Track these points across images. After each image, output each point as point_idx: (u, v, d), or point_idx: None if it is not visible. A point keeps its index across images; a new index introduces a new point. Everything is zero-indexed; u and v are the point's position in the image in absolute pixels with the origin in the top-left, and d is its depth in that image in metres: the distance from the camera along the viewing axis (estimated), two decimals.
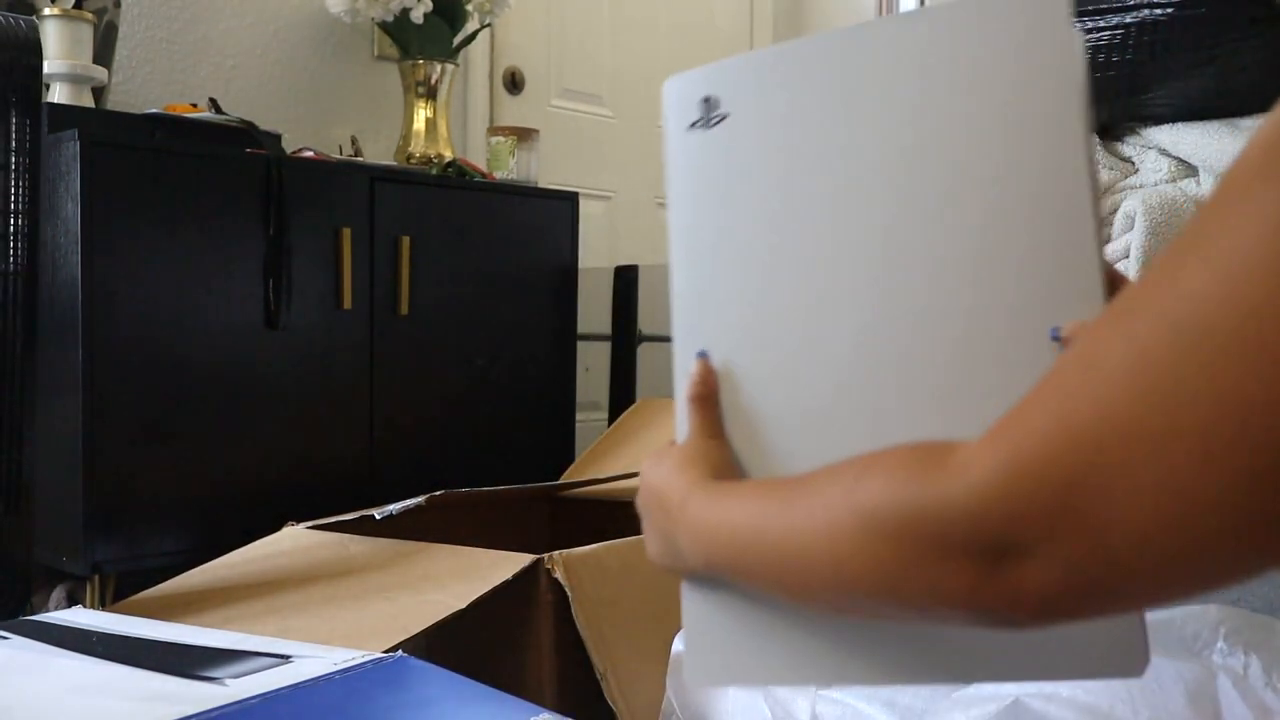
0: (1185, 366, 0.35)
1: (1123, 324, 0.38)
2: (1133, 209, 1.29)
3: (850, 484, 0.45)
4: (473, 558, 1.27)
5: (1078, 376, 0.38)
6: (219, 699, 0.78)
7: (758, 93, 0.66)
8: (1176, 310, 0.36)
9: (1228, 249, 0.36)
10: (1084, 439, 0.36)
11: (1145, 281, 0.38)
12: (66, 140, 1.60)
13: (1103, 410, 0.36)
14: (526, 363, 2.17)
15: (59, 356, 1.59)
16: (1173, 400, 0.35)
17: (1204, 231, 0.37)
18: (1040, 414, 0.38)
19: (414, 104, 2.41)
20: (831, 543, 0.45)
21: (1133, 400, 0.36)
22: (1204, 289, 0.36)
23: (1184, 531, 0.35)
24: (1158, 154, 1.36)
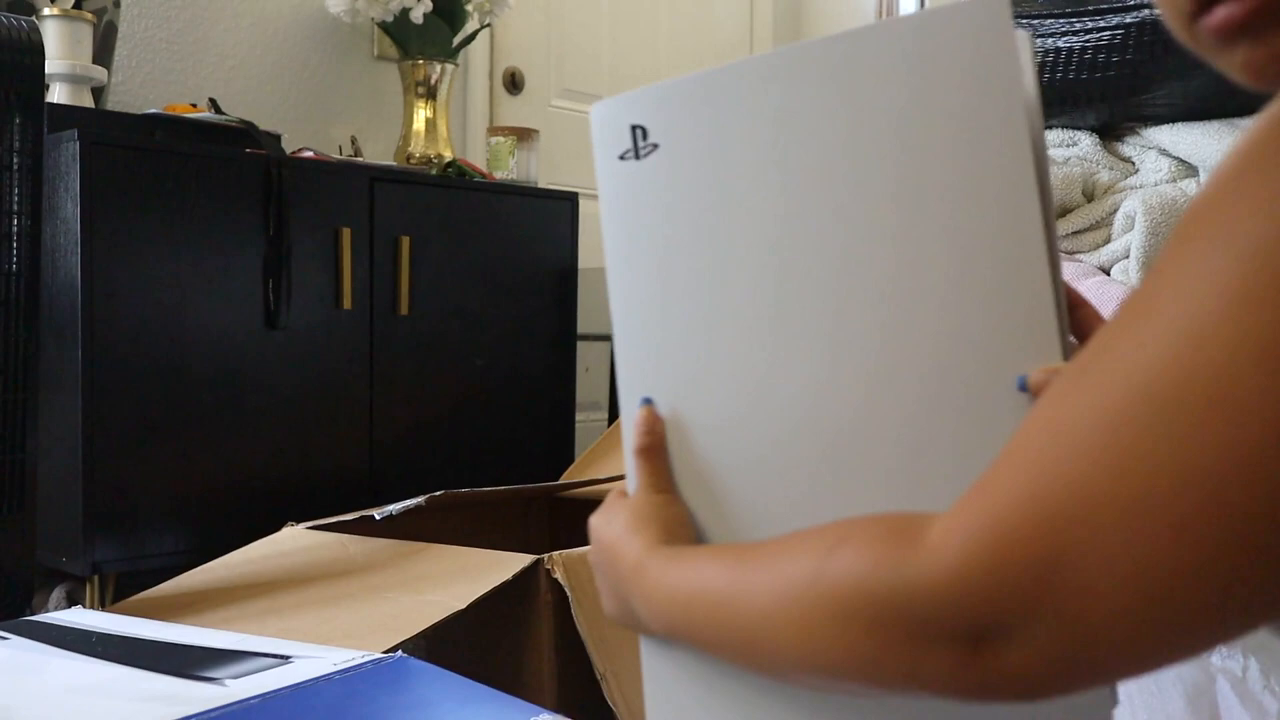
0: (1150, 434, 0.35)
1: (1088, 386, 0.37)
2: (1133, 209, 1.29)
3: (819, 563, 0.44)
4: (472, 558, 1.27)
5: (1045, 444, 0.37)
6: (219, 699, 0.78)
7: (687, 122, 0.61)
8: (1138, 374, 0.36)
9: (1185, 309, 0.36)
10: (1055, 514, 0.36)
11: (1110, 336, 0.38)
12: (66, 140, 1.60)
13: (1072, 482, 0.36)
14: (526, 363, 2.17)
15: (58, 356, 1.59)
16: (1141, 470, 0.35)
17: (1161, 287, 0.37)
18: (1010, 486, 0.38)
19: (414, 104, 2.41)
20: (802, 625, 0.44)
21: (1101, 471, 0.36)
22: (1164, 351, 0.35)
23: (1164, 605, 0.35)
24: (1158, 154, 1.36)
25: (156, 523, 1.68)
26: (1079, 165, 1.39)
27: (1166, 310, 0.36)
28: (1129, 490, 0.35)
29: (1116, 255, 1.31)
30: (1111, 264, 1.32)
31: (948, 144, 0.54)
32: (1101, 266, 1.33)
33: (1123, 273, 1.30)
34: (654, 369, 0.63)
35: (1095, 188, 1.36)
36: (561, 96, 3.01)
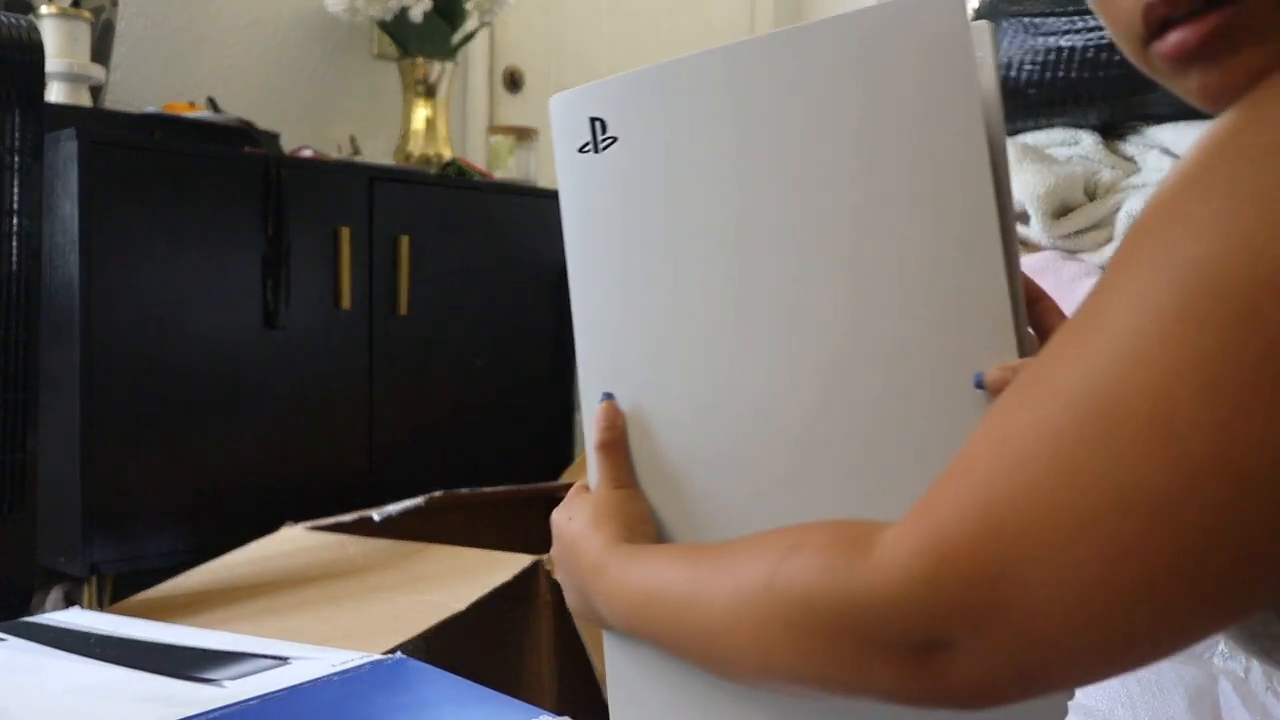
0: (1093, 452, 0.35)
1: (1035, 399, 0.38)
2: (1135, 209, 1.28)
3: (772, 569, 0.44)
4: (472, 559, 1.27)
5: (992, 456, 0.38)
6: (217, 700, 0.77)
7: (646, 114, 0.61)
8: (1082, 390, 0.36)
9: (1125, 328, 0.36)
10: (1000, 529, 0.36)
11: (1057, 349, 0.39)
12: (64, 139, 1.60)
13: (1018, 496, 0.36)
14: (526, 363, 2.17)
15: (56, 356, 1.59)
16: (1084, 487, 0.35)
17: (1105, 304, 0.38)
18: (956, 499, 0.38)
19: (413, 103, 2.40)
20: (755, 631, 0.44)
21: (1047, 486, 0.36)
22: (1107, 368, 0.36)
23: (1110, 620, 0.35)
24: (1160, 153, 1.36)
25: (155, 523, 1.68)
26: (1081, 164, 1.38)
27: (1109, 327, 0.37)
28: (1073, 507, 0.35)
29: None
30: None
31: (905, 140, 0.54)
32: (1103, 266, 1.32)
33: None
34: (615, 364, 0.63)
35: (1097, 187, 1.36)
36: None
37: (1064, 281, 1.30)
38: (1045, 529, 0.35)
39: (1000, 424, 0.39)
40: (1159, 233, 0.38)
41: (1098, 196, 1.36)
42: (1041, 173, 1.34)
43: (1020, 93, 1.42)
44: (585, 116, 0.62)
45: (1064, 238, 1.34)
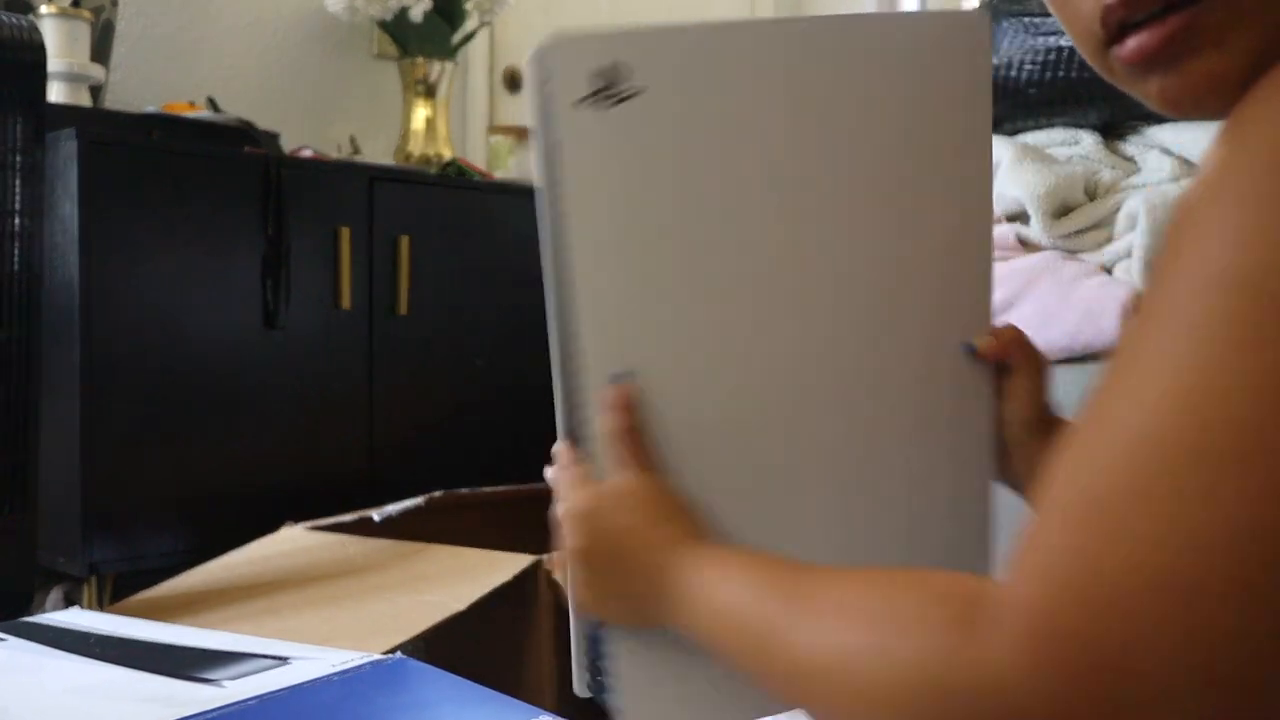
0: (1186, 503, 0.33)
1: (1112, 451, 0.36)
2: (1135, 208, 1.28)
3: (881, 641, 0.42)
4: (472, 558, 1.27)
5: (1085, 522, 0.36)
6: (216, 700, 0.77)
7: (682, 70, 0.58)
8: (1155, 437, 0.34)
9: (1183, 358, 0.34)
10: (1113, 608, 0.34)
11: (1120, 389, 0.37)
12: (64, 139, 1.60)
13: (1122, 571, 0.34)
14: (526, 363, 2.16)
15: (56, 356, 1.59)
16: (1184, 545, 0.33)
17: (1155, 334, 0.36)
18: (1060, 574, 0.36)
19: (413, 103, 2.40)
20: (858, 695, 0.42)
21: (1149, 555, 0.33)
22: (1178, 404, 0.34)
23: (1237, 683, 0.33)
24: (1160, 153, 1.36)
25: (154, 523, 1.67)
26: (1081, 164, 1.38)
27: (1169, 363, 0.35)
28: (1181, 573, 0.33)
29: (1119, 255, 1.31)
30: (1114, 263, 1.31)
31: (925, 132, 0.60)
32: (1104, 266, 1.32)
33: (1125, 272, 1.29)
34: (626, 341, 0.59)
35: (1097, 187, 1.36)
36: None
37: (1064, 281, 1.30)
38: (1160, 592, 0.33)
39: (1083, 478, 0.36)
40: (1195, 250, 0.36)
41: (1098, 196, 1.36)
42: (1041, 172, 1.34)
43: (1020, 92, 1.41)
44: (601, 64, 0.57)
45: (1064, 237, 1.34)
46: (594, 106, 0.57)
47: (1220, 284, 0.35)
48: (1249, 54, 0.42)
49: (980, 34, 0.60)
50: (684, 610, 0.54)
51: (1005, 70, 1.42)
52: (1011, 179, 1.36)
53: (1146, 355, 0.36)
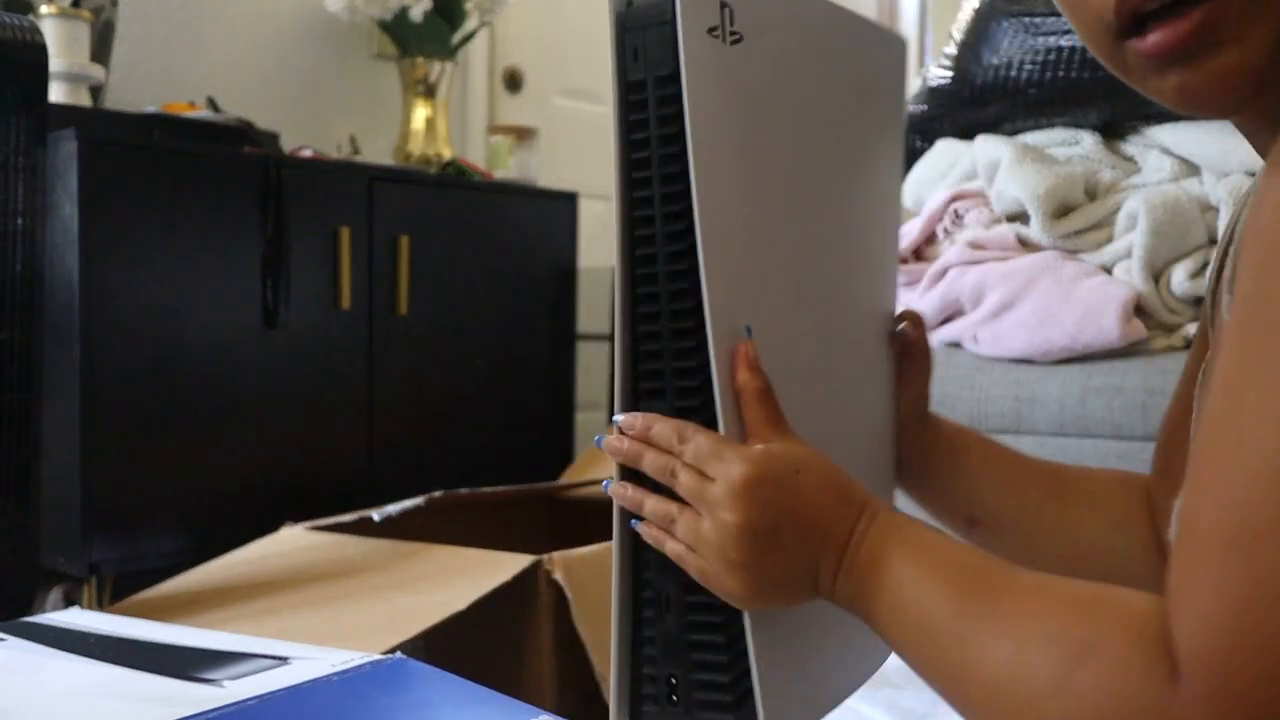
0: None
1: (1253, 467, 0.36)
2: (1135, 208, 1.28)
3: (1065, 672, 0.41)
4: (472, 558, 1.26)
5: (1253, 555, 0.35)
6: (216, 700, 0.77)
7: (768, 30, 0.57)
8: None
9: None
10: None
11: (1245, 402, 0.37)
12: (64, 140, 1.60)
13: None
14: (526, 363, 2.17)
15: (56, 356, 1.59)
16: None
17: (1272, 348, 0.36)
18: (1245, 618, 0.36)
19: (413, 103, 2.40)
20: (1030, 710, 0.42)
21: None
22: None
23: None
24: (1160, 153, 1.36)
25: (154, 523, 1.68)
26: (1081, 164, 1.38)
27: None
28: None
29: (1119, 254, 1.31)
30: (1114, 263, 1.31)
31: (873, 124, 0.69)
32: (1104, 266, 1.32)
33: (1125, 272, 1.29)
34: (749, 290, 0.56)
35: (1098, 187, 1.36)
36: (561, 95, 3.01)
37: (1064, 281, 1.30)
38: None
39: (1238, 514, 0.36)
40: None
41: (1098, 196, 1.36)
42: (1042, 172, 1.34)
43: (1020, 92, 1.41)
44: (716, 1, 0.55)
45: (1064, 237, 1.34)
46: (718, 40, 0.54)
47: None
48: (1267, 48, 0.41)
49: (900, 52, 0.71)
50: (864, 592, 0.51)
51: (1005, 70, 1.42)
52: (1012, 179, 1.36)
53: (1265, 376, 0.36)
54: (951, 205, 1.45)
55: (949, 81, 1.51)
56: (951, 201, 1.45)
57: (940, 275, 1.42)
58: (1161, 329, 1.27)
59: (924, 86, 1.56)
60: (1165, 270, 1.27)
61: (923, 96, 1.56)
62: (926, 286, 1.43)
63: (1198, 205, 1.28)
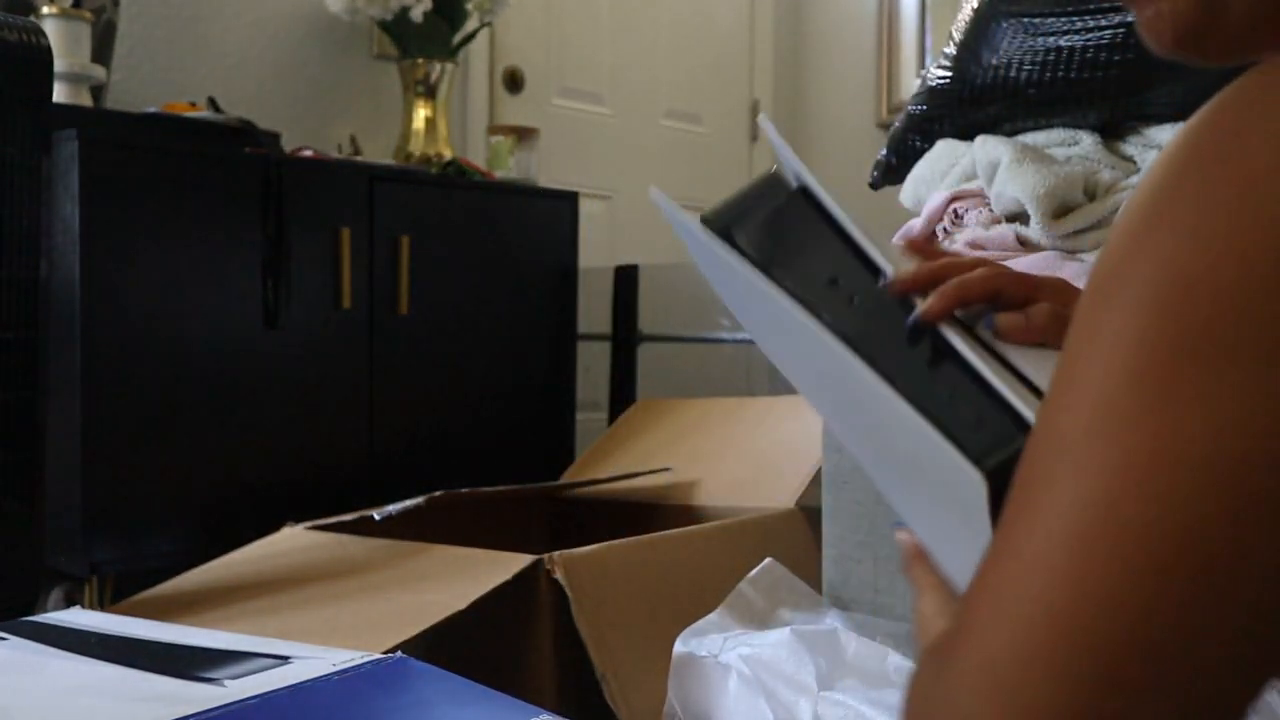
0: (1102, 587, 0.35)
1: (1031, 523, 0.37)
2: None
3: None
4: (472, 558, 1.27)
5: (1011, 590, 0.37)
6: (217, 700, 0.77)
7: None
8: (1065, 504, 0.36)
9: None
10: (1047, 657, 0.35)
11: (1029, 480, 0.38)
12: (65, 140, 1.60)
13: (1037, 624, 0.35)
14: (526, 363, 2.17)
15: (57, 356, 1.59)
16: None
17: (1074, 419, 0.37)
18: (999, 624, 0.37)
19: (413, 103, 2.40)
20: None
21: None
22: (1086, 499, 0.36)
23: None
24: (1159, 153, 1.36)
25: (155, 523, 1.68)
26: (1080, 164, 1.38)
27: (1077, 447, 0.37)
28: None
29: None
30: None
31: None
32: None
33: None
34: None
35: (1097, 187, 1.36)
36: (561, 95, 3.01)
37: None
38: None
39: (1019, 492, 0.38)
40: (1093, 342, 0.38)
41: (1097, 196, 1.36)
42: (1041, 172, 1.34)
43: (1020, 93, 1.42)
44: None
45: (1064, 238, 1.34)
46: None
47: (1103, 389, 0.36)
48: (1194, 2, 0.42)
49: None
50: None
51: (1005, 70, 1.42)
52: (1011, 179, 1.36)
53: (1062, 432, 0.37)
54: (951, 205, 1.45)
55: (948, 82, 1.51)
56: (951, 202, 1.45)
57: None
58: None
59: (923, 87, 1.56)
60: None
61: (922, 97, 1.56)
62: None
63: None
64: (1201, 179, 0.36)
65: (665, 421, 1.95)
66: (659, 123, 3.23)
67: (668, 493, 1.75)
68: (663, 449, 1.87)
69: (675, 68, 3.26)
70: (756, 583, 1.17)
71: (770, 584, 1.18)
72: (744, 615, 1.12)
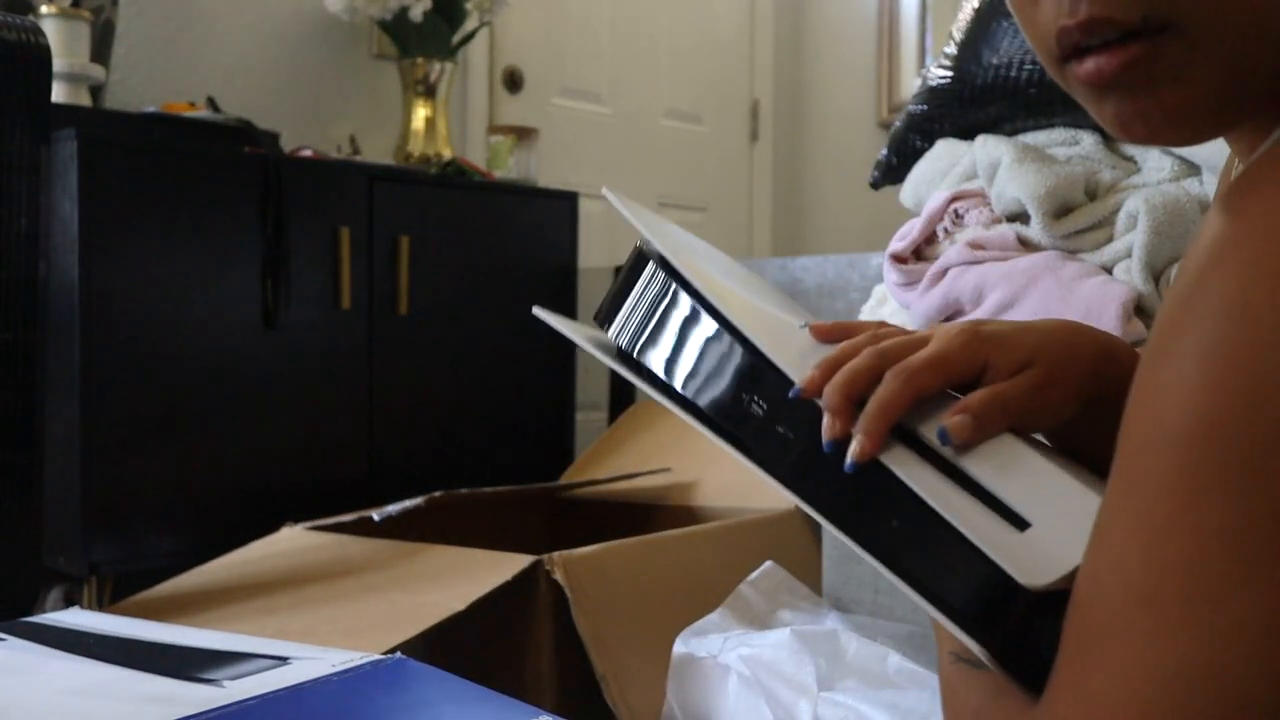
0: (1144, 641, 0.36)
1: (1095, 577, 0.39)
2: (1135, 208, 1.28)
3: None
4: (472, 559, 1.26)
5: (1086, 654, 0.38)
6: (216, 700, 0.77)
7: None
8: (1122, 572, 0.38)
9: (1135, 507, 0.38)
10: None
11: (1111, 512, 0.39)
12: (64, 140, 1.60)
13: (1111, 697, 0.37)
14: (526, 363, 2.17)
15: (56, 357, 1.59)
16: (1155, 677, 0.36)
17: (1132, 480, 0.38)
18: (1067, 705, 0.38)
19: (413, 103, 2.40)
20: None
21: (1125, 682, 0.36)
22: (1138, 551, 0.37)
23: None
24: (1160, 153, 1.36)
25: (154, 523, 1.67)
26: (1081, 164, 1.38)
27: (1132, 505, 0.38)
28: (1154, 705, 0.36)
29: (1119, 254, 1.30)
30: (1114, 263, 1.31)
31: None
32: (1104, 266, 1.32)
33: (1125, 272, 1.29)
34: None
35: (1098, 186, 1.36)
36: (561, 95, 3.01)
37: (1064, 281, 1.30)
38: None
39: (1083, 616, 0.39)
40: (1155, 397, 0.38)
41: (1098, 196, 1.36)
42: (1042, 172, 1.34)
43: (1020, 92, 1.41)
44: None
45: (1064, 237, 1.34)
46: None
47: (1169, 439, 0.37)
48: (1208, 92, 0.42)
49: None
50: None
51: (1005, 70, 1.42)
52: (1011, 179, 1.36)
53: (1121, 496, 0.39)
54: (951, 205, 1.45)
55: (949, 81, 1.51)
56: (951, 201, 1.45)
57: (940, 275, 1.42)
58: None
59: (924, 86, 1.56)
60: (1165, 270, 1.27)
61: (922, 96, 1.56)
62: (926, 286, 1.43)
63: (1198, 205, 1.28)
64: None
65: (665, 422, 1.95)
66: (659, 123, 3.22)
67: (668, 493, 1.75)
68: (663, 450, 1.87)
69: (675, 67, 3.26)
70: (757, 585, 1.16)
71: (771, 587, 1.17)
72: (744, 616, 1.12)
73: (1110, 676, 0.36)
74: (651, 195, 3.13)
